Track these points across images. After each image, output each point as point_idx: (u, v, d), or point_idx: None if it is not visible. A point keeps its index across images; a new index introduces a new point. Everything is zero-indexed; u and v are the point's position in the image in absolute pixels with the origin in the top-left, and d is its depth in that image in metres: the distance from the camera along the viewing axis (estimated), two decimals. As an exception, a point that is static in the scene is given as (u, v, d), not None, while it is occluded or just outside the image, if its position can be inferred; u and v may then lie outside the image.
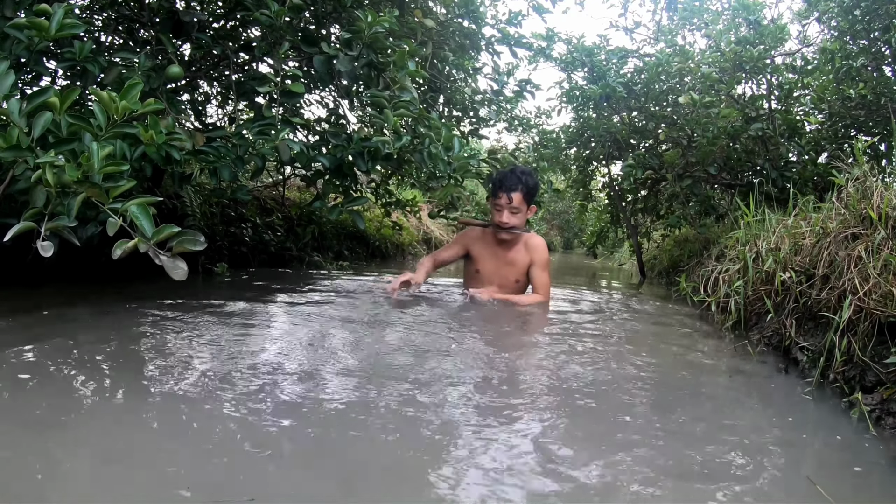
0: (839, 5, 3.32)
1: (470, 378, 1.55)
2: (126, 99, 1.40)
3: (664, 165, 4.31)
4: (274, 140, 1.97)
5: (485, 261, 2.87)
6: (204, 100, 3.55)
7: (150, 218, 1.26)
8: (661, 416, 1.34)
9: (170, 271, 1.23)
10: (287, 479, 0.96)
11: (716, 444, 1.18)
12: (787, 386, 1.62)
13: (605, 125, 4.62)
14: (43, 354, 1.55)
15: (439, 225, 7.94)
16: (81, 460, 0.99)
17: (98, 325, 1.92)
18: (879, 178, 1.97)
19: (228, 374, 1.46)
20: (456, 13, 3.26)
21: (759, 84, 4.11)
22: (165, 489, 0.91)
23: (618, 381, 1.62)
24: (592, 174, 5.74)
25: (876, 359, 1.52)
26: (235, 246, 3.79)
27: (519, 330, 2.34)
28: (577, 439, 1.17)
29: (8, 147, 1.32)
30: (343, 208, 2.34)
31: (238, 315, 2.20)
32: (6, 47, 1.61)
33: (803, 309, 1.94)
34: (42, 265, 2.40)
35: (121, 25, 2.45)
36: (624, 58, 4.34)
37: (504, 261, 2.86)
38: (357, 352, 1.78)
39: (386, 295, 2.75)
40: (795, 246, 2.14)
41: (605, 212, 6.26)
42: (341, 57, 2.16)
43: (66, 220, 1.31)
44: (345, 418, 1.23)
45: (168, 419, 1.17)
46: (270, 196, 4.81)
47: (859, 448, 1.21)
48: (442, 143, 2.40)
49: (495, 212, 2.74)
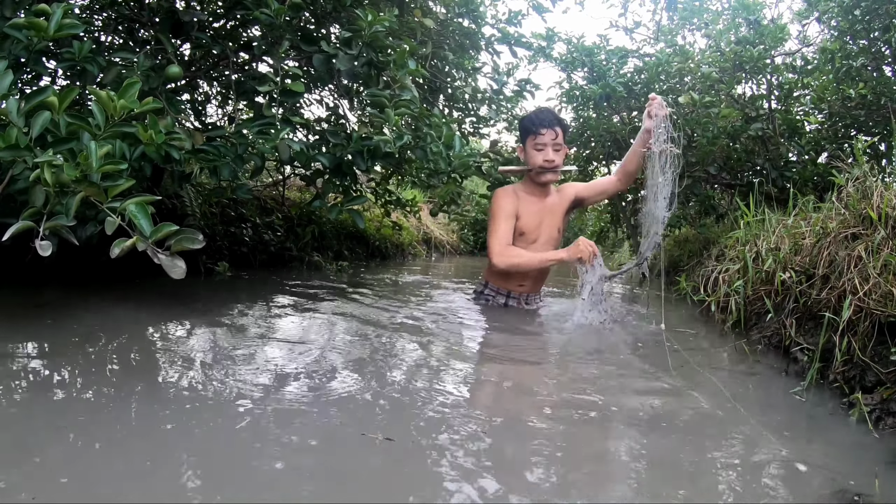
0: (839, 5, 3.31)
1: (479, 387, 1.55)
2: (124, 98, 1.40)
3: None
4: (274, 140, 1.97)
5: (528, 217, 2.61)
6: (204, 99, 3.54)
7: (149, 217, 1.26)
8: (661, 416, 1.34)
9: (168, 270, 1.23)
10: (284, 481, 0.96)
11: (715, 445, 1.18)
12: (787, 385, 1.62)
13: (605, 125, 4.61)
14: (43, 354, 1.55)
15: (439, 225, 7.93)
16: (82, 460, 0.99)
17: (98, 324, 1.92)
18: (879, 178, 1.96)
19: (229, 375, 1.46)
20: (456, 12, 3.26)
21: (759, 84, 4.10)
22: (165, 490, 0.90)
23: (618, 381, 1.62)
24: (592, 174, 5.73)
25: (876, 359, 1.52)
26: (235, 246, 3.79)
27: (519, 331, 2.34)
28: (582, 428, 1.17)
29: (6, 146, 1.32)
30: (343, 208, 2.33)
31: (238, 315, 2.20)
32: (5, 47, 1.61)
33: (803, 309, 1.94)
34: (41, 265, 2.40)
35: (120, 25, 2.44)
36: (624, 58, 4.33)
37: (546, 210, 2.65)
38: (359, 353, 1.78)
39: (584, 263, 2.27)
40: (795, 246, 2.14)
41: (605, 212, 6.25)
42: (341, 56, 2.16)
43: (65, 219, 1.31)
44: (345, 419, 1.23)
45: (168, 420, 1.17)
46: (270, 196, 4.81)
47: (859, 448, 1.21)
48: (443, 141, 2.39)
49: (536, 152, 2.54)
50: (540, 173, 2.57)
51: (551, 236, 2.67)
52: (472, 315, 2.51)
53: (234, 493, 0.90)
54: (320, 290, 3.03)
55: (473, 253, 8.21)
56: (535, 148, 2.55)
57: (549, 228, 2.65)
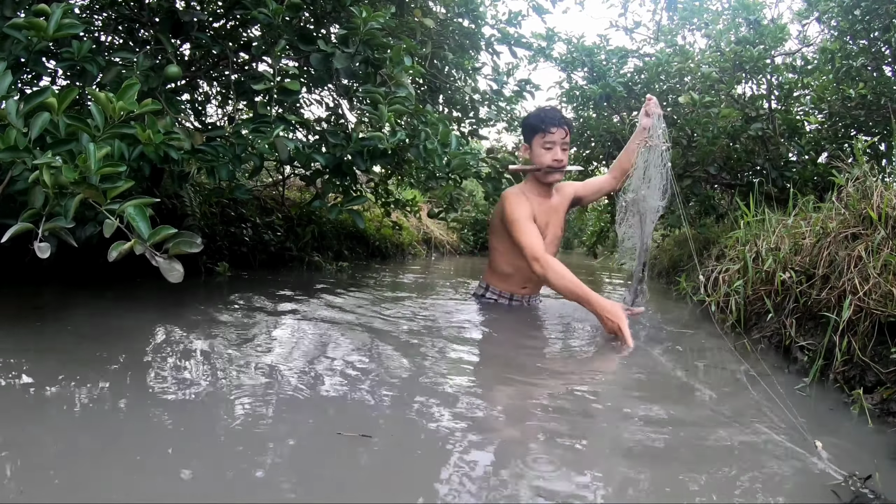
0: (839, 5, 3.31)
1: (478, 386, 1.54)
2: (123, 99, 1.40)
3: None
4: (268, 137, 1.97)
5: (538, 218, 2.55)
6: (203, 100, 3.54)
7: (147, 219, 1.26)
8: (660, 415, 1.34)
9: (165, 273, 1.22)
10: (278, 484, 0.96)
11: (713, 444, 1.18)
12: (787, 385, 1.62)
13: (605, 125, 4.61)
14: (40, 354, 1.55)
15: (439, 225, 7.93)
16: (81, 461, 0.99)
17: (95, 325, 1.92)
18: (879, 178, 1.96)
19: (224, 376, 1.46)
20: (455, 13, 3.26)
21: (759, 84, 4.10)
22: (151, 489, 0.90)
23: (617, 381, 1.62)
24: (592, 174, 5.73)
25: (876, 359, 1.52)
26: (235, 246, 3.79)
27: (519, 332, 2.34)
28: (586, 425, 1.17)
29: (6, 148, 1.32)
30: (342, 208, 2.33)
31: (238, 315, 2.20)
32: (5, 47, 1.61)
33: (803, 309, 1.94)
34: (41, 266, 2.40)
35: (120, 25, 2.44)
36: (624, 58, 4.33)
37: (552, 210, 2.62)
38: (360, 353, 1.78)
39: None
40: (795, 246, 2.14)
41: (605, 212, 6.25)
42: (338, 54, 2.15)
43: (64, 220, 1.31)
44: (346, 419, 1.23)
45: (168, 420, 1.17)
46: (270, 196, 4.81)
47: (859, 448, 1.21)
48: (439, 139, 2.39)
49: (544, 151, 2.50)
50: (548, 173, 2.54)
51: (556, 235, 2.66)
52: (472, 316, 2.51)
53: (227, 492, 0.90)
54: (320, 290, 3.03)
55: (473, 253, 8.22)
56: (544, 147, 2.51)
57: (554, 228, 2.64)
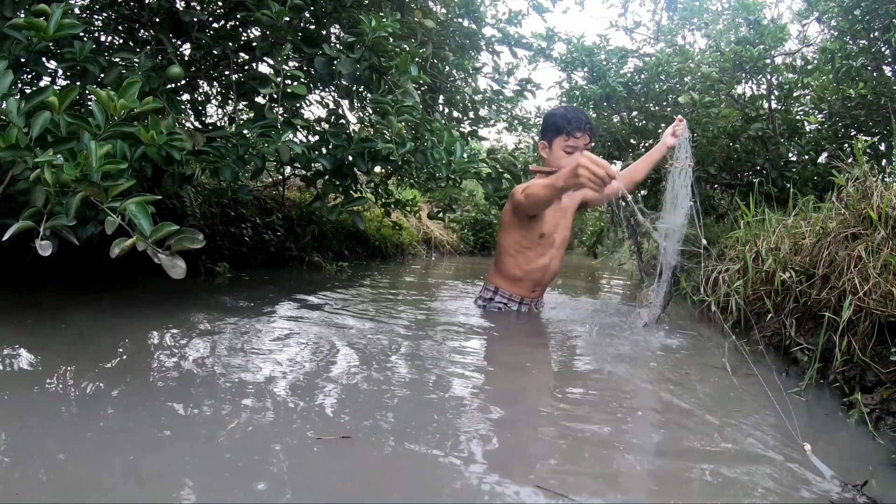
0: (839, 5, 3.31)
1: (485, 388, 1.55)
2: (124, 97, 1.40)
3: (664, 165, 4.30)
4: (276, 142, 1.97)
5: (549, 219, 2.51)
6: (204, 100, 3.55)
7: (149, 216, 1.26)
8: (660, 414, 1.34)
9: (168, 270, 1.23)
10: (279, 486, 0.96)
11: (713, 443, 1.18)
12: (787, 385, 1.62)
13: (605, 125, 4.62)
14: (39, 354, 1.55)
15: (439, 225, 7.92)
16: (80, 461, 0.99)
17: (95, 324, 1.92)
18: (879, 178, 1.96)
19: (228, 375, 1.46)
20: (456, 13, 3.27)
21: (759, 84, 4.10)
22: (147, 490, 0.90)
23: (618, 380, 1.62)
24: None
25: (876, 359, 1.52)
26: (236, 246, 3.79)
27: (519, 338, 2.34)
28: (584, 426, 1.17)
29: (7, 146, 1.32)
30: (343, 208, 2.34)
31: (238, 316, 2.20)
32: (5, 47, 1.61)
33: (803, 309, 1.94)
34: (42, 265, 2.40)
35: (121, 25, 2.45)
36: (624, 58, 4.33)
37: (561, 212, 2.59)
38: (358, 354, 1.78)
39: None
40: (795, 246, 2.14)
41: (605, 212, 6.26)
42: (343, 59, 2.16)
43: (65, 219, 1.31)
44: (347, 420, 1.23)
45: (168, 420, 1.17)
46: (270, 196, 4.81)
47: (859, 448, 1.21)
48: (444, 146, 2.39)
49: (565, 154, 2.43)
50: None
51: (564, 237, 2.65)
52: (473, 320, 2.51)
53: (227, 492, 0.90)
54: (320, 290, 3.03)
55: (473, 253, 8.21)
56: (566, 149, 2.43)
57: (563, 230, 2.63)
